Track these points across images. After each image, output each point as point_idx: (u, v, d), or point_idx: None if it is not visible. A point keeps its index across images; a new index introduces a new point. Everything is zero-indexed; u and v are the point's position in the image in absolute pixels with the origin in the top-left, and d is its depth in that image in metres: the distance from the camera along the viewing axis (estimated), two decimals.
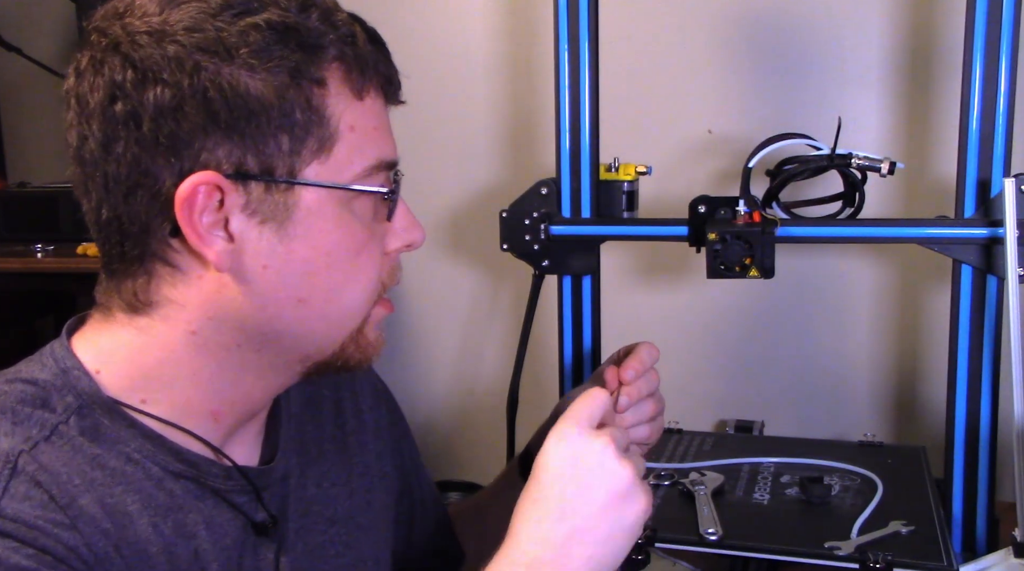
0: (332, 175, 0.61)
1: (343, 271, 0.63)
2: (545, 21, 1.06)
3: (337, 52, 0.60)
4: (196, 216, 0.57)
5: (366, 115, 0.62)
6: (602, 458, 0.62)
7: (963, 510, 0.95)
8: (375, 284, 0.65)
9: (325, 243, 0.61)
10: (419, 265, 1.52)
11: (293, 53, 0.58)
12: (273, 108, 0.57)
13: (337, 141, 0.60)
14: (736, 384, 1.38)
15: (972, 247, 0.92)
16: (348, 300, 0.64)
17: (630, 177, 1.05)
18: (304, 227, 0.60)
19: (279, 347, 0.64)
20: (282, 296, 0.61)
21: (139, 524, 0.60)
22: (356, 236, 0.63)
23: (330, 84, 0.60)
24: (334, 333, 0.65)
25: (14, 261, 1.47)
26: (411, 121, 1.49)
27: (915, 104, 1.25)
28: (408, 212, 0.69)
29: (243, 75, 0.57)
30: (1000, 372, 0.93)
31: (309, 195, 0.60)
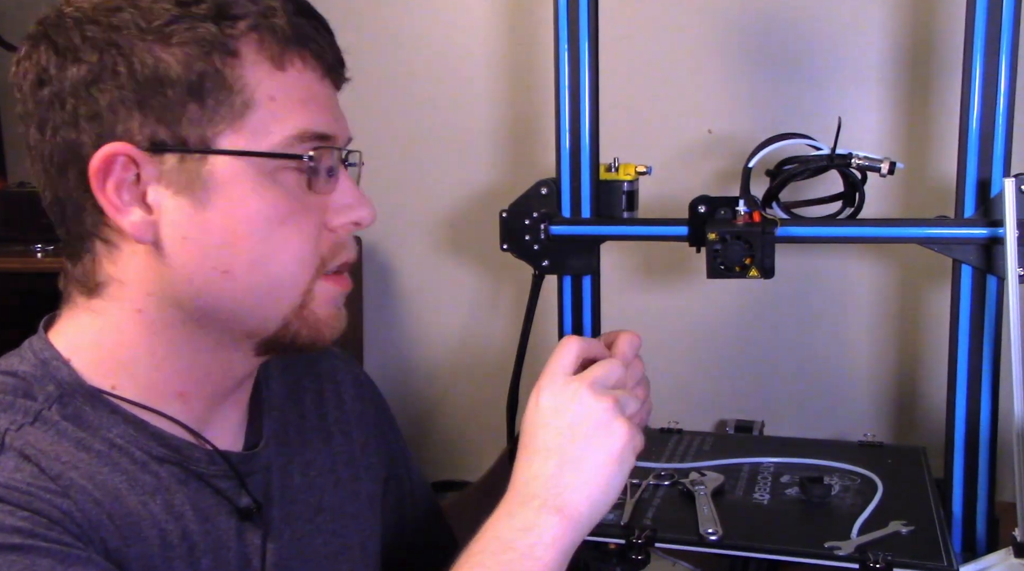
0: (247, 144, 0.61)
1: (265, 241, 0.62)
2: (545, 21, 1.06)
3: (252, 23, 0.60)
4: (110, 187, 0.59)
5: (290, 86, 0.62)
6: (579, 397, 0.65)
7: (963, 510, 0.95)
8: (306, 257, 0.64)
9: (242, 212, 0.61)
10: (419, 265, 1.52)
11: (203, 24, 0.59)
12: (182, 80, 0.59)
13: (253, 110, 0.61)
14: (736, 384, 1.38)
15: (972, 247, 0.92)
16: (274, 271, 0.63)
17: (630, 177, 1.05)
18: (220, 197, 0.61)
19: (219, 322, 0.64)
20: (206, 268, 0.62)
21: (129, 499, 0.61)
22: (278, 206, 0.62)
23: (244, 55, 0.60)
24: (268, 307, 0.64)
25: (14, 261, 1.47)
26: (411, 121, 1.50)
27: (915, 104, 1.25)
28: (355, 189, 0.67)
29: (155, 49, 0.58)
30: (1000, 372, 0.93)
31: (223, 164, 0.60)
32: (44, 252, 1.49)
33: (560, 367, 0.68)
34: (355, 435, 0.81)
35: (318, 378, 0.81)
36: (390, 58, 1.48)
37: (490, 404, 0.95)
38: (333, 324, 0.68)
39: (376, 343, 1.55)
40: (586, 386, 0.66)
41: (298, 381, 0.79)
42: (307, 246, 0.64)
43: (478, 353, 1.52)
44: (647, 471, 1.03)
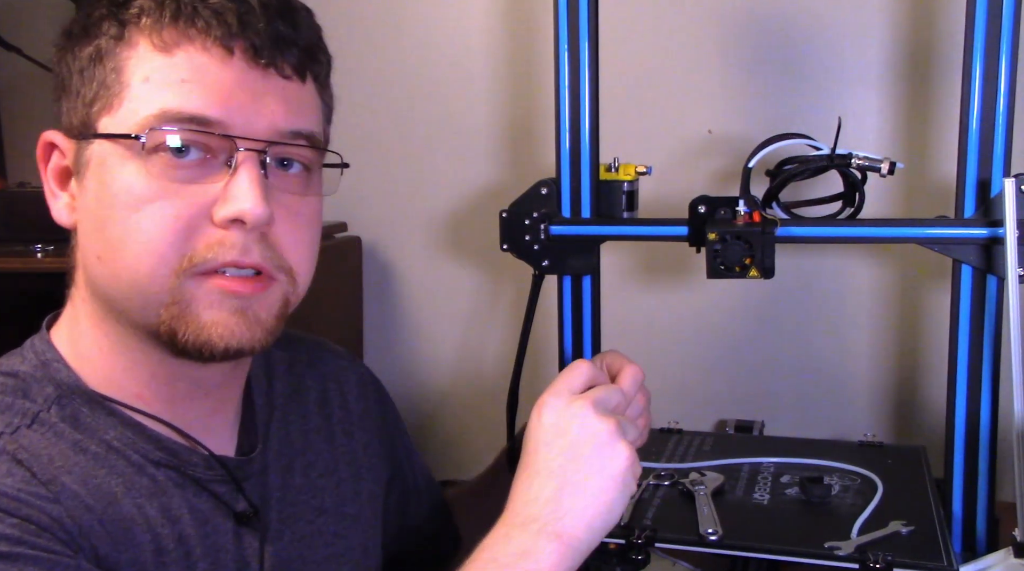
0: (116, 127, 0.61)
1: (123, 225, 0.60)
2: (545, 21, 1.06)
3: (144, 5, 0.60)
4: (50, 175, 0.64)
5: (172, 68, 0.60)
6: (581, 417, 0.65)
7: (963, 510, 0.95)
8: (163, 248, 0.60)
9: (106, 195, 0.61)
10: (419, 265, 1.52)
11: (98, 11, 0.61)
12: (75, 70, 0.62)
13: (125, 93, 0.60)
14: (736, 384, 1.38)
15: (972, 247, 0.92)
16: (130, 260, 0.60)
17: (630, 177, 1.05)
18: (95, 180, 0.62)
19: (117, 314, 0.63)
20: (89, 252, 0.63)
21: (123, 503, 0.61)
22: (136, 189, 0.60)
23: (132, 38, 0.60)
24: (137, 299, 0.61)
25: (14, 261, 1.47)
26: (411, 121, 1.49)
27: (915, 104, 1.25)
28: (249, 183, 0.61)
29: (73, 45, 0.62)
30: (1000, 372, 0.93)
31: (98, 147, 0.61)
32: (44, 252, 1.49)
33: (567, 385, 0.67)
34: (358, 435, 0.81)
35: (322, 378, 0.81)
36: (390, 58, 1.48)
37: (490, 404, 0.95)
38: (221, 331, 0.61)
39: (376, 343, 1.55)
40: (590, 405, 0.65)
41: (301, 381, 0.79)
42: (166, 236, 0.60)
43: (478, 353, 1.52)
44: (647, 471, 1.03)
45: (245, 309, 0.62)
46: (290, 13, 0.63)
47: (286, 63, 0.62)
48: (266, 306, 0.63)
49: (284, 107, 0.62)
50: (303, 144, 0.64)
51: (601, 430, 0.64)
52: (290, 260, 0.64)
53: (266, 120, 0.61)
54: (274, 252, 0.63)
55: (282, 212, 0.63)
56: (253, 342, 0.63)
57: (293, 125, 0.63)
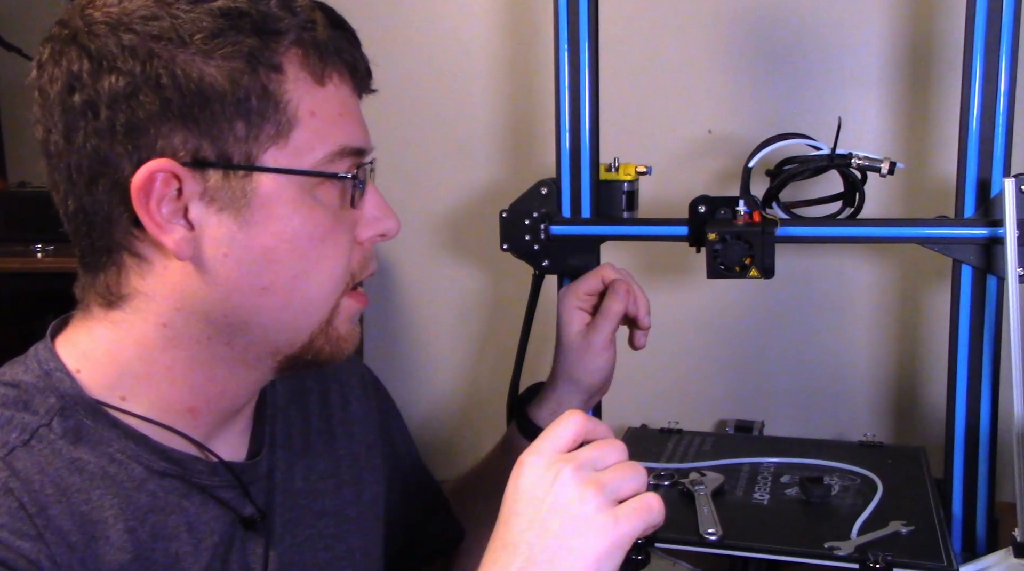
0: (291, 161, 0.60)
1: (306, 259, 0.62)
2: (545, 21, 1.06)
3: (295, 37, 0.59)
4: (153, 204, 0.57)
5: (329, 101, 0.61)
6: (558, 485, 0.56)
7: (963, 510, 0.95)
8: (342, 273, 0.64)
9: (286, 230, 0.60)
10: (419, 265, 1.52)
11: (248, 38, 0.57)
12: (228, 95, 0.57)
13: (296, 127, 0.60)
14: (736, 384, 1.38)
15: (972, 247, 0.92)
16: (313, 289, 0.63)
17: (630, 177, 1.05)
18: (264, 214, 0.59)
19: (248, 339, 0.63)
20: (244, 284, 0.61)
21: (113, 532, 0.59)
22: (320, 223, 0.62)
23: (288, 70, 0.59)
24: (301, 323, 0.64)
25: (14, 261, 1.47)
26: (411, 121, 1.49)
27: (915, 104, 1.25)
28: (381, 201, 0.67)
29: (197, 62, 0.56)
30: (1000, 372, 0.93)
31: (268, 181, 0.59)
32: (44, 252, 1.50)
33: (552, 443, 0.58)
34: (359, 436, 0.81)
35: (323, 379, 0.81)
36: (390, 58, 1.48)
37: (490, 404, 0.95)
38: (351, 340, 0.68)
39: (376, 343, 1.55)
40: (570, 470, 0.56)
41: (303, 383, 0.79)
42: (342, 262, 0.64)
43: (478, 353, 1.52)
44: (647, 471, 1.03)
45: (357, 320, 0.69)
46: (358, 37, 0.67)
47: (368, 88, 0.68)
48: None
49: (367, 128, 0.67)
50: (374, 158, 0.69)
51: (577, 501, 0.55)
52: None
53: (371, 142, 0.67)
54: None
55: None
56: (357, 345, 0.69)
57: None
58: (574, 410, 0.61)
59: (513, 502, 0.57)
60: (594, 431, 0.60)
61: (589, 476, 0.56)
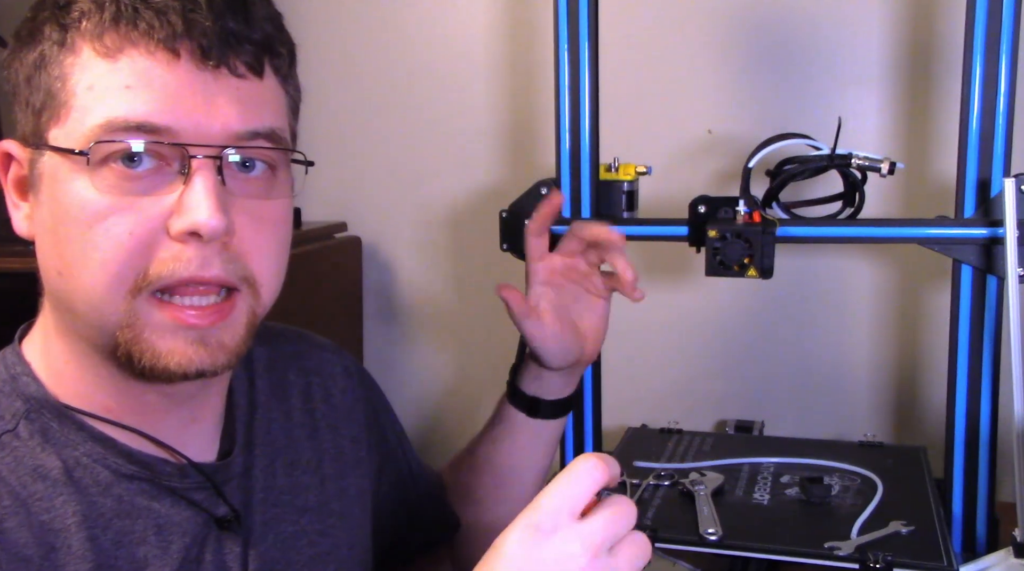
0: (65, 138, 0.57)
1: (78, 242, 0.57)
2: (545, 21, 1.06)
3: (85, 9, 0.56)
4: (10, 184, 0.62)
5: (115, 74, 0.56)
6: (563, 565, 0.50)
7: (963, 510, 0.95)
8: (116, 265, 0.56)
9: (59, 210, 0.58)
10: (419, 265, 1.52)
11: (43, 15, 0.58)
12: (23, 79, 0.59)
13: (71, 103, 0.57)
14: (736, 384, 1.38)
15: (972, 247, 0.92)
16: (87, 276, 0.57)
17: (630, 177, 1.05)
18: (47, 193, 0.59)
19: (77, 330, 0.60)
20: (48, 266, 0.60)
21: (75, 541, 0.59)
22: (89, 206, 0.56)
23: (75, 44, 0.57)
24: (94, 318, 0.58)
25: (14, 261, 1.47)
26: (411, 121, 1.49)
27: (915, 104, 1.25)
28: (204, 192, 0.57)
29: (21, 46, 0.59)
30: (1000, 372, 0.93)
31: (49, 160, 0.58)
32: None
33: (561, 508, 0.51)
34: (344, 429, 0.80)
35: (305, 373, 0.79)
36: (390, 58, 1.48)
37: (490, 404, 0.95)
38: (181, 360, 0.58)
39: (376, 343, 1.55)
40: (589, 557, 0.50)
41: (284, 377, 0.77)
42: (119, 253, 0.56)
43: (478, 353, 1.52)
44: (647, 471, 1.03)
45: (205, 339, 0.59)
46: (241, 5, 0.59)
47: (239, 61, 0.58)
48: (231, 332, 0.60)
49: (239, 108, 0.58)
50: (263, 146, 0.60)
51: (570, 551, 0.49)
52: (253, 269, 0.60)
53: (219, 123, 0.57)
54: (237, 262, 0.59)
55: (244, 218, 0.59)
56: (216, 366, 0.59)
57: (250, 125, 0.59)
58: (587, 456, 0.53)
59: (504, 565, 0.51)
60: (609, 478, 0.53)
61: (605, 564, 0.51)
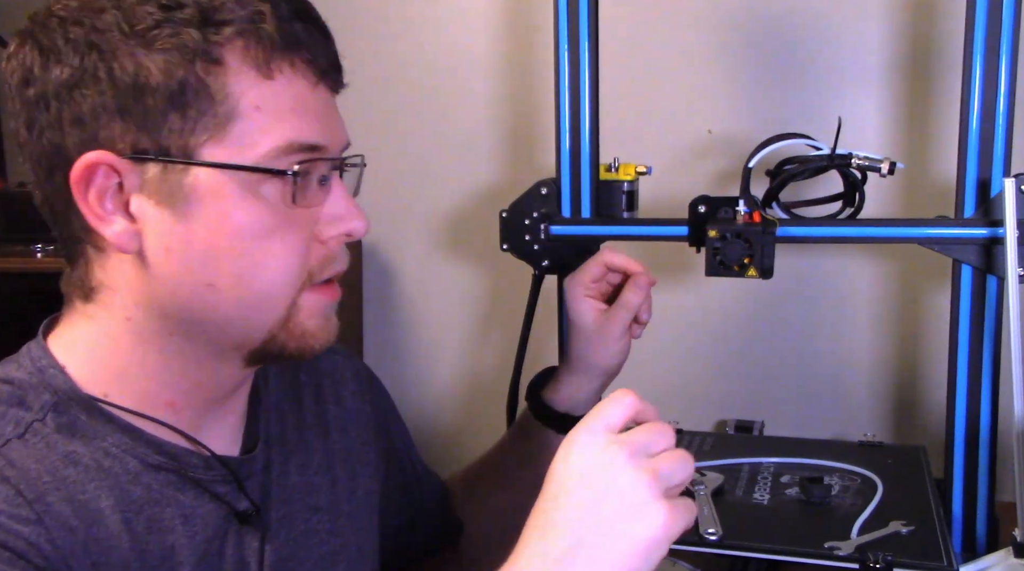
0: (231, 155, 0.58)
1: (250, 256, 0.60)
2: (545, 21, 1.06)
3: (238, 29, 0.58)
4: (92, 196, 0.58)
5: (277, 95, 0.59)
6: (613, 467, 0.54)
7: (963, 510, 0.95)
8: (296, 271, 0.62)
9: (227, 226, 0.59)
10: (419, 265, 1.52)
11: (187, 30, 0.57)
12: (161, 87, 0.57)
13: (236, 121, 0.58)
14: (736, 384, 1.38)
15: (972, 247, 0.92)
16: (260, 286, 0.61)
17: (630, 177, 1.05)
18: (203, 209, 0.58)
19: (206, 335, 0.62)
20: (189, 281, 0.60)
21: (110, 521, 0.60)
22: (264, 220, 0.60)
23: (229, 62, 0.58)
24: (255, 320, 0.62)
25: (14, 261, 1.47)
26: (411, 121, 1.49)
27: (915, 104, 1.25)
28: (347, 200, 0.64)
29: (137, 54, 0.56)
30: (1000, 372, 0.93)
31: (205, 176, 0.58)
32: (44, 252, 1.49)
33: (604, 422, 0.57)
34: (353, 432, 0.81)
35: (317, 374, 0.81)
36: (390, 58, 1.48)
37: (490, 404, 0.95)
38: (320, 335, 0.65)
39: (376, 343, 1.55)
40: (626, 452, 0.55)
41: (296, 378, 0.79)
42: (293, 261, 0.62)
43: (478, 353, 1.52)
44: None
45: (331, 313, 0.66)
46: (327, 29, 0.64)
47: (340, 80, 0.65)
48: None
49: (341, 122, 0.66)
50: (356, 156, 0.68)
51: (632, 486, 0.54)
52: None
53: (341, 138, 0.65)
54: None
55: None
56: (333, 340, 0.67)
57: (347, 138, 0.66)
58: (625, 390, 0.59)
59: (563, 480, 0.55)
60: (644, 412, 0.59)
61: (645, 463, 0.55)
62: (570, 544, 0.53)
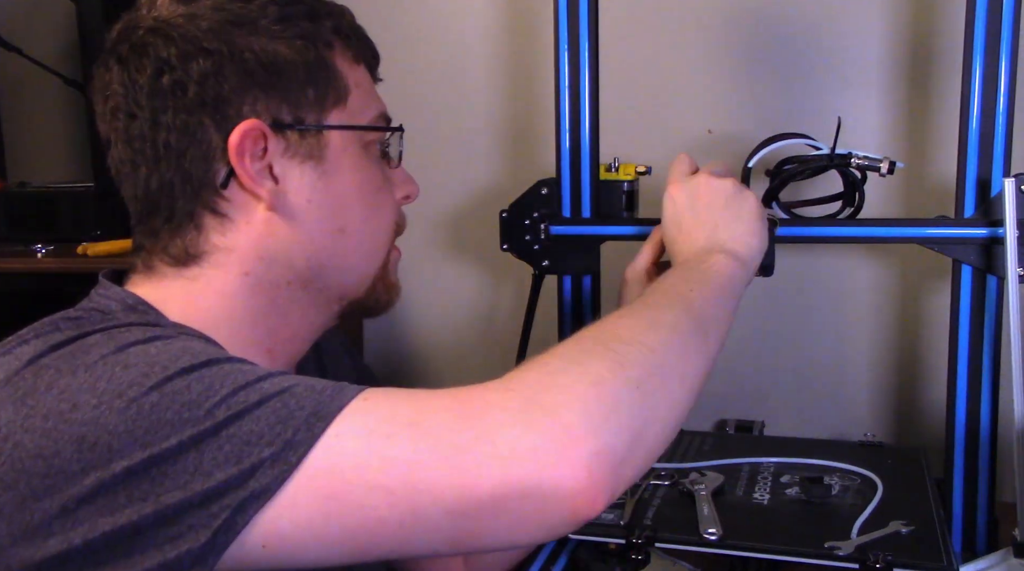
0: (350, 121, 0.71)
1: (370, 204, 0.73)
2: (545, 21, 1.06)
3: (335, 24, 0.71)
4: (248, 161, 0.66)
5: (364, 77, 0.74)
6: (706, 184, 0.82)
7: (963, 510, 0.95)
8: (393, 221, 0.77)
9: (355, 178, 0.72)
10: (419, 265, 1.52)
11: (302, 21, 0.69)
12: (299, 66, 0.68)
13: (350, 94, 0.71)
14: (736, 384, 1.38)
15: (972, 247, 0.92)
16: (377, 230, 0.75)
17: (630, 177, 1.05)
18: (336, 164, 0.70)
19: (323, 282, 0.72)
20: (325, 227, 0.71)
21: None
22: (376, 175, 0.74)
23: (336, 47, 0.71)
24: (367, 265, 0.75)
25: (14, 261, 1.47)
26: (411, 121, 1.49)
27: (915, 104, 1.25)
28: (404, 169, 0.80)
29: (268, 41, 0.67)
30: (1000, 372, 0.93)
31: (336, 138, 0.70)
32: (44, 252, 1.49)
33: (680, 173, 0.84)
34: None
35: (316, 348, 0.84)
36: (390, 58, 1.47)
37: None
38: (398, 288, 0.79)
39: (376, 343, 1.55)
40: (707, 174, 0.82)
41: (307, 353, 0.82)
42: (393, 211, 0.77)
43: (478, 353, 1.52)
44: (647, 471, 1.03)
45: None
46: None
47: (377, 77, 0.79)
48: None
49: None
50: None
51: (727, 185, 0.81)
52: None
53: None
54: None
55: None
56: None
57: None
58: (682, 154, 0.89)
59: (680, 211, 0.84)
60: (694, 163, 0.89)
61: (720, 175, 0.84)
62: (713, 227, 0.81)
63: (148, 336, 0.59)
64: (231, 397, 0.54)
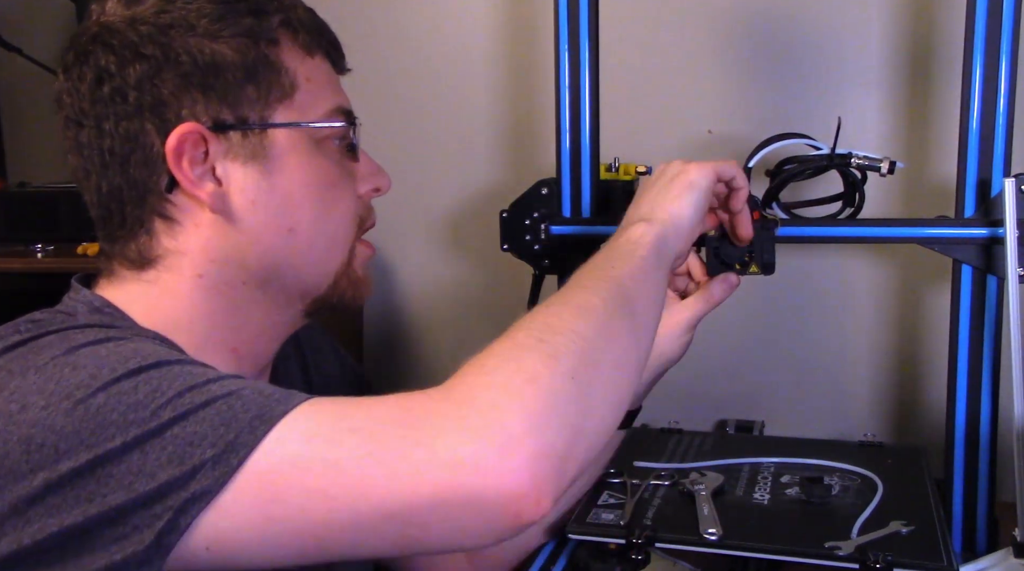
0: (298, 118, 0.69)
1: (321, 202, 0.71)
2: (545, 21, 1.06)
3: (283, 18, 0.69)
4: (185, 164, 0.66)
5: (318, 70, 0.72)
6: (672, 166, 0.82)
7: (963, 510, 0.95)
8: (352, 218, 0.74)
9: (301, 177, 0.69)
10: (419, 265, 1.52)
11: (245, 19, 0.67)
12: (237, 65, 0.66)
13: (297, 90, 0.69)
14: (736, 384, 1.38)
15: (972, 247, 0.92)
16: (331, 229, 0.72)
17: (630, 177, 1.05)
18: (281, 163, 0.68)
19: (280, 281, 0.71)
20: (272, 227, 0.69)
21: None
22: (328, 172, 0.71)
23: (283, 43, 0.69)
24: (325, 264, 0.72)
25: (14, 261, 1.47)
26: (411, 121, 1.49)
27: (915, 104, 1.25)
28: (372, 160, 0.77)
29: (207, 42, 0.66)
30: (1000, 372, 0.93)
31: (281, 136, 0.68)
32: (44, 252, 1.49)
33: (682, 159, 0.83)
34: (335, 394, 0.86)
35: (299, 345, 0.85)
36: (390, 58, 1.48)
37: None
38: (368, 284, 0.76)
39: (376, 343, 1.55)
40: (682, 160, 0.81)
41: (284, 349, 0.82)
42: (351, 207, 0.73)
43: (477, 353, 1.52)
44: (647, 471, 1.03)
45: (369, 267, 0.78)
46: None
47: (343, 69, 0.78)
48: None
49: None
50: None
51: (673, 165, 0.81)
52: None
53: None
54: None
55: None
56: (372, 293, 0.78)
57: None
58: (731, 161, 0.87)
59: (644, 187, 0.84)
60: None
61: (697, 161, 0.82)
62: (643, 200, 0.80)
63: (100, 337, 0.59)
64: (177, 398, 0.54)
